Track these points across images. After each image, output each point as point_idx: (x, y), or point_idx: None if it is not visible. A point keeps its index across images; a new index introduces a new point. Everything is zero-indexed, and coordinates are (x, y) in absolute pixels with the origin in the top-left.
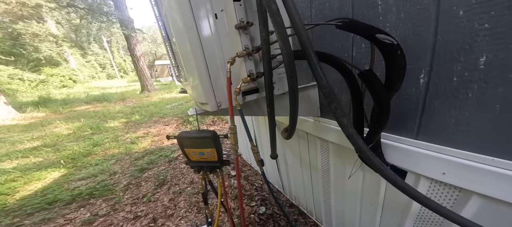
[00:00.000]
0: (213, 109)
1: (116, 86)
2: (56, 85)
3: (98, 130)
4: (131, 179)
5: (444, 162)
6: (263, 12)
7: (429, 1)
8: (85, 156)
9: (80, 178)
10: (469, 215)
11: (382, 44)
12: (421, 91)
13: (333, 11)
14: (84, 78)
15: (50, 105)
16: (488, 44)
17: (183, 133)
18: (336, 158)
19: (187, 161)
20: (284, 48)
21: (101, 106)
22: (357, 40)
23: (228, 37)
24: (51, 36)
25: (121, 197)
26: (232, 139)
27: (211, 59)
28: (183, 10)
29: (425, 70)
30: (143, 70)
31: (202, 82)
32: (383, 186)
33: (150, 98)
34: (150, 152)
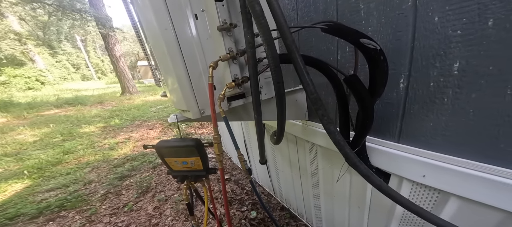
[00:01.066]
0: (195, 116)
1: (93, 88)
2: (20, 87)
3: (70, 136)
4: (109, 188)
5: (424, 165)
6: (247, 13)
7: (407, 7)
8: (54, 165)
9: (48, 189)
10: (448, 216)
11: (366, 49)
12: (401, 95)
13: (319, 14)
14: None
15: (12, 110)
16: (461, 51)
17: (162, 143)
18: (325, 162)
19: (169, 171)
20: (269, 52)
21: (74, 109)
22: (342, 43)
23: (210, 39)
24: (12, 33)
25: (98, 207)
26: (216, 149)
27: (191, 63)
28: (157, 9)
29: (405, 75)
30: (123, 71)
31: (182, 88)
32: (369, 189)
33: (132, 100)
34: (132, 158)
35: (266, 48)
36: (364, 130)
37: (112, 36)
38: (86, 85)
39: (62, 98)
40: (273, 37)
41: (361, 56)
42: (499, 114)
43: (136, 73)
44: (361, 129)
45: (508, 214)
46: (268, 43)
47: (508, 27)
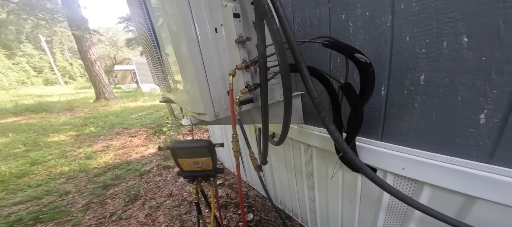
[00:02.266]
0: (211, 119)
1: (59, 94)
2: None
3: (36, 145)
4: (91, 198)
5: (403, 159)
6: (262, 30)
7: (386, 27)
8: (20, 177)
9: (16, 203)
10: (424, 201)
11: (359, 62)
12: (382, 101)
13: (314, 28)
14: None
15: None
16: (425, 65)
17: (176, 143)
18: (320, 161)
19: (180, 171)
20: (282, 62)
21: (37, 117)
22: (333, 55)
23: (226, 50)
24: None
25: (81, 218)
26: (234, 147)
27: (210, 71)
28: (186, 23)
29: (385, 83)
30: (99, 76)
31: (202, 93)
32: (359, 184)
33: (109, 107)
34: (115, 166)
35: (280, 60)
36: (355, 130)
37: (87, 38)
38: (50, 90)
39: (22, 105)
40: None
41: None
42: (453, 116)
43: (112, 78)
44: (352, 129)
45: (468, 197)
46: (281, 56)
47: (457, 48)
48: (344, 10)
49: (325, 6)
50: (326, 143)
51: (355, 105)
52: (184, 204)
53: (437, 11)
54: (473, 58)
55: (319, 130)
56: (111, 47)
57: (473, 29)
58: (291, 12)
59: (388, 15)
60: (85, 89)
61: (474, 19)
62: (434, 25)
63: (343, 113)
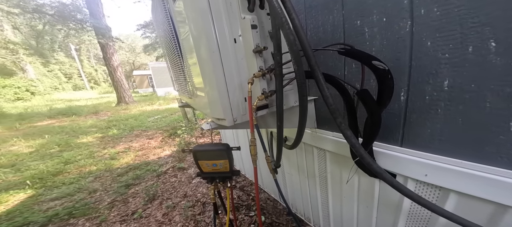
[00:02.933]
0: (230, 124)
1: (86, 98)
2: (9, 97)
3: (68, 146)
4: (116, 196)
5: (425, 165)
6: (278, 40)
7: (405, 33)
8: (55, 175)
9: (53, 198)
10: (449, 209)
11: (377, 69)
12: (402, 106)
13: (327, 35)
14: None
15: (3, 121)
16: (449, 71)
17: (197, 147)
18: (334, 165)
19: (199, 172)
20: (299, 71)
21: (68, 120)
22: (348, 61)
23: (244, 59)
24: (8, 43)
25: (107, 215)
26: (252, 150)
27: (230, 79)
28: (208, 35)
29: (404, 89)
30: (120, 81)
31: (222, 99)
32: (377, 188)
33: (129, 110)
34: (135, 167)
35: (296, 68)
36: (372, 135)
37: (111, 45)
38: (78, 95)
39: (55, 109)
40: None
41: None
42: (481, 123)
43: (131, 82)
44: (369, 135)
45: (499, 205)
46: (298, 65)
47: (483, 53)
48: (359, 17)
49: (338, 13)
50: (340, 147)
51: (373, 111)
52: (198, 205)
53: (461, 16)
54: (501, 64)
55: (334, 135)
56: (130, 53)
57: (501, 34)
58: (303, 19)
59: (407, 20)
60: (108, 93)
61: (502, 23)
62: (457, 30)
63: (358, 118)
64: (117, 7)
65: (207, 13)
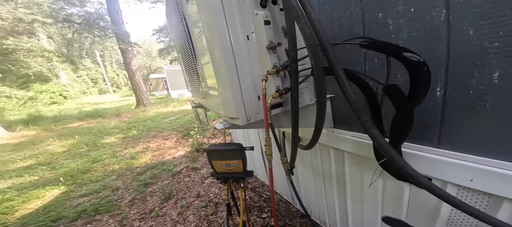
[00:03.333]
0: (243, 123)
1: (109, 101)
2: (46, 102)
3: (95, 146)
4: (135, 194)
5: (470, 169)
6: (293, 35)
7: (439, 22)
8: (84, 172)
9: (82, 195)
10: (504, 219)
11: (409, 61)
12: (438, 103)
13: (344, 29)
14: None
15: (41, 123)
16: (499, 61)
17: (211, 147)
18: (353, 167)
19: (213, 172)
20: (316, 67)
21: (95, 122)
22: (369, 55)
23: (257, 56)
24: (44, 51)
25: (128, 212)
26: (267, 150)
27: (243, 77)
28: (221, 32)
29: (441, 83)
30: (139, 84)
31: (235, 98)
32: (407, 193)
33: (146, 112)
34: (152, 166)
35: (313, 63)
36: (402, 135)
37: (130, 51)
38: (103, 98)
39: (84, 111)
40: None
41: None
42: None
43: (148, 85)
44: (398, 135)
45: None
46: (315, 59)
47: None
48: (381, 9)
49: (357, 6)
50: (361, 148)
51: (403, 109)
52: (211, 205)
53: None
54: None
55: (353, 135)
56: (147, 58)
57: None
58: (317, 14)
59: (441, 9)
60: (128, 96)
61: None
62: (508, 15)
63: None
64: (134, 13)
65: (220, 10)
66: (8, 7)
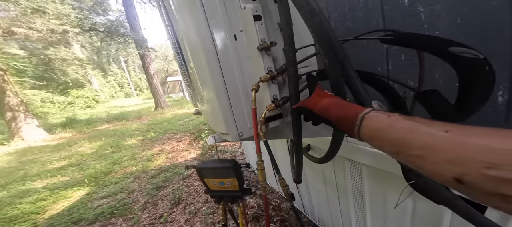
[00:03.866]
0: (234, 140)
1: (133, 104)
2: (81, 106)
3: (118, 148)
4: (148, 198)
5: None
6: (289, 29)
7: (497, 4)
8: (106, 174)
9: (102, 197)
10: None
11: (459, 59)
12: (501, 111)
13: (357, 23)
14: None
15: (76, 126)
16: None
17: (201, 164)
18: (373, 183)
19: (207, 190)
20: (332, 66)
21: (120, 124)
22: (393, 51)
23: (248, 59)
24: (76, 59)
25: (139, 216)
26: (260, 176)
27: (231, 85)
28: (201, 31)
29: (504, 86)
30: (156, 88)
31: (223, 111)
32: (447, 220)
33: (164, 114)
34: (165, 169)
35: (327, 62)
36: None
37: (148, 55)
38: (128, 101)
39: (111, 115)
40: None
41: None
42: None
43: (166, 88)
44: None
45: None
46: (328, 57)
47: None
48: None
49: None
50: (383, 162)
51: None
52: (218, 211)
53: None
54: None
55: (371, 146)
56: (164, 61)
57: None
58: (325, 7)
59: None
60: (149, 99)
61: None
62: None
63: None
64: (150, 19)
65: (197, 5)
66: (42, 19)
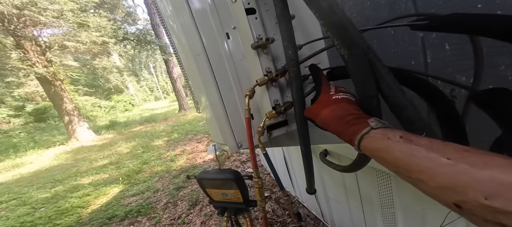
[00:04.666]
0: (233, 150)
1: (161, 107)
2: (121, 109)
3: (147, 148)
4: (169, 198)
5: None
6: (287, 23)
7: None
8: (137, 173)
9: (132, 194)
10: None
11: None
12: None
13: (380, 10)
14: (139, 102)
15: (116, 128)
16: None
17: (202, 174)
18: (408, 198)
19: (210, 200)
20: (351, 58)
21: (150, 126)
22: (432, 40)
23: (243, 60)
24: (115, 67)
25: (161, 216)
26: (257, 195)
27: (226, 90)
28: (187, 32)
29: None
30: (179, 91)
31: (218, 120)
32: None
33: (186, 116)
34: (186, 170)
35: (347, 53)
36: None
37: (170, 60)
38: (157, 104)
39: (143, 117)
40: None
41: None
42: None
43: (188, 91)
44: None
45: None
46: (348, 47)
47: None
48: None
49: None
50: None
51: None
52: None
53: None
54: None
55: None
56: None
57: None
58: None
59: None
60: (173, 102)
61: None
62: None
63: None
64: None
65: (182, 4)
66: (86, 33)
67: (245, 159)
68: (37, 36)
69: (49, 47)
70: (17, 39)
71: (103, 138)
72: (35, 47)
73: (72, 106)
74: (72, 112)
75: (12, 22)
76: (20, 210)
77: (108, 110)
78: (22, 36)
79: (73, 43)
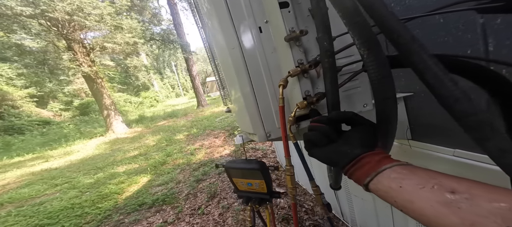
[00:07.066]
0: (261, 140)
1: (181, 103)
2: (148, 105)
3: (170, 142)
4: (190, 189)
5: None
6: (323, 15)
7: None
8: (162, 164)
9: (158, 184)
10: None
11: None
12: None
13: None
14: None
15: (144, 122)
16: None
17: (230, 163)
18: None
19: (235, 189)
20: (372, 57)
21: (172, 121)
22: (496, 26)
23: (274, 53)
24: (143, 66)
25: (183, 206)
26: (288, 183)
27: (257, 82)
28: (225, 28)
29: None
30: (198, 88)
31: (249, 110)
32: None
33: (204, 112)
34: (204, 163)
35: (366, 53)
36: None
37: (191, 58)
38: (177, 101)
39: (166, 112)
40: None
41: None
42: None
43: (206, 88)
44: None
45: None
46: (368, 47)
47: None
48: None
49: None
50: (477, 176)
51: None
52: (247, 209)
53: None
54: None
55: (454, 154)
56: (204, 63)
57: None
58: None
59: None
60: (192, 98)
61: None
62: None
63: None
64: (191, 24)
65: (221, 3)
66: (121, 34)
67: (260, 156)
68: (83, 39)
69: (92, 48)
70: (68, 42)
71: (133, 131)
72: (81, 48)
73: (110, 101)
74: (109, 107)
75: (65, 27)
76: (70, 192)
77: (137, 105)
78: (72, 39)
79: (111, 44)
